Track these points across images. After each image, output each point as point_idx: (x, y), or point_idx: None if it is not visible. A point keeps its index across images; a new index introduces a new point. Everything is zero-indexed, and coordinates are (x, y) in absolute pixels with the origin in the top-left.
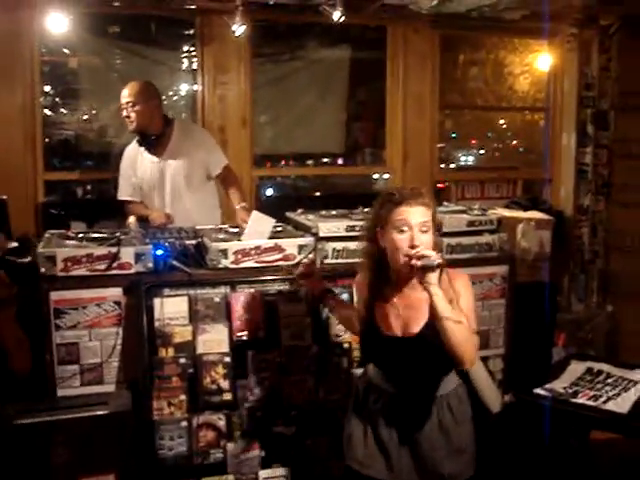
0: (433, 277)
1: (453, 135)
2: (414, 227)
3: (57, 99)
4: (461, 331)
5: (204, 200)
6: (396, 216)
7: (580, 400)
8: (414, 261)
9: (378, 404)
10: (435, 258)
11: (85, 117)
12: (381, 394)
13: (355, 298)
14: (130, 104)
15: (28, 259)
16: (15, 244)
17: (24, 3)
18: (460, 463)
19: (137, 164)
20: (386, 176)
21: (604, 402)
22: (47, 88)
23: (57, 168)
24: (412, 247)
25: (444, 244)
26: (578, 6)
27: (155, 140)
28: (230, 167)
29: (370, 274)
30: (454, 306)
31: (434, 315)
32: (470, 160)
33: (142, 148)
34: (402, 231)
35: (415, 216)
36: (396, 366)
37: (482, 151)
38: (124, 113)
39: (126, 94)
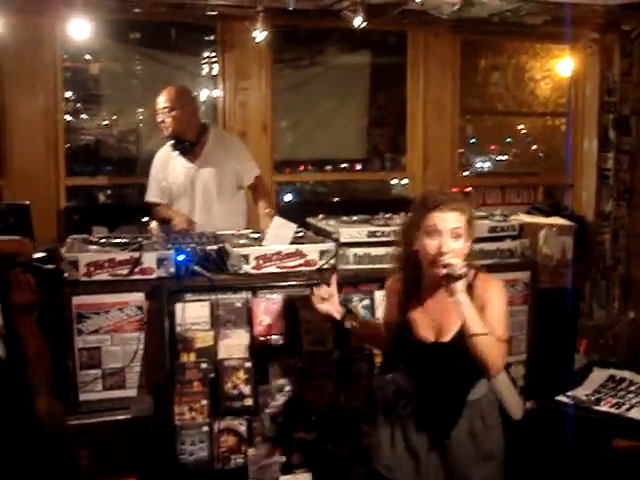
0: (458, 286)
1: (472, 140)
2: (444, 233)
3: (78, 105)
4: (488, 342)
5: (233, 209)
6: (427, 221)
7: (603, 408)
8: (438, 269)
9: (407, 409)
10: (458, 267)
11: (106, 123)
12: (410, 399)
13: (385, 303)
14: (166, 109)
15: (54, 266)
16: (43, 254)
17: (46, 10)
18: (489, 469)
19: (169, 168)
20: (405, 182)
21: (627, 410)
22: (68, 94)
23: (78, 173)
24: (440, 254)
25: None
26: (600, 11)
27: (189, 146)
28: (262, 178)
29: (404, 278)
30: (483, 314)
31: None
32: (491, 166)
33: (175, 152)
34: (432, 237)
35: (446, 222)
36: (427, 371)
37: (503, 157)
38: (159, 118)
39: (162, 99)
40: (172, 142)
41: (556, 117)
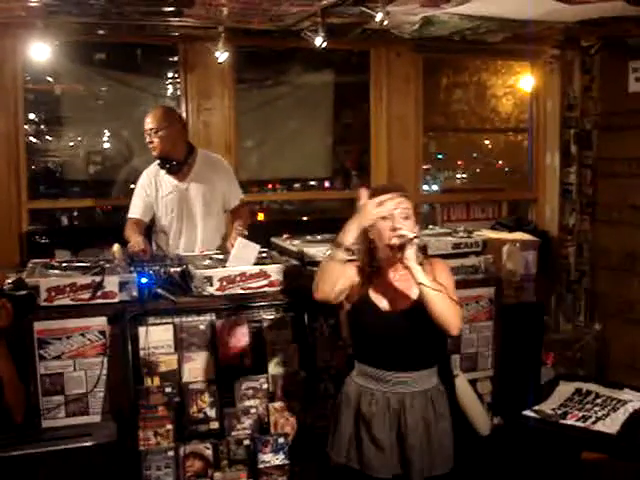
0: (410, 253)
1: (439, 156)
2: (395, 215)
3: (42, 127)
4: (442, 298)
5: (217, 230)
6: (381, 207)
7: (569, 421)
8: (394, 240)
9: (372, 407)
10: (410, 233)
11: (70, 144)
12: (373, 395)
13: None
14: (153, 130)
15: (25, 292)
16: (14, 280)
17: (8, 32)
18: (439, 457)
19: (156, 186)
20: None
21: (593, 423)
22: (32, 116)
23: (42, 195)
24: (394, 229)
25: None
26: (559, 28)
27: (177, 166)
28: (245, 203)
29: (362, 262)
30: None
31: (417, 286)
32: (455, 182)
33: (162, 171)
34: (385, 220)
35: (397, 205)
36: (388, 343)
37: (468, 172)
38: (147, 139)
39: (149, 120)
40: (159, 161)
41: (518, 133)
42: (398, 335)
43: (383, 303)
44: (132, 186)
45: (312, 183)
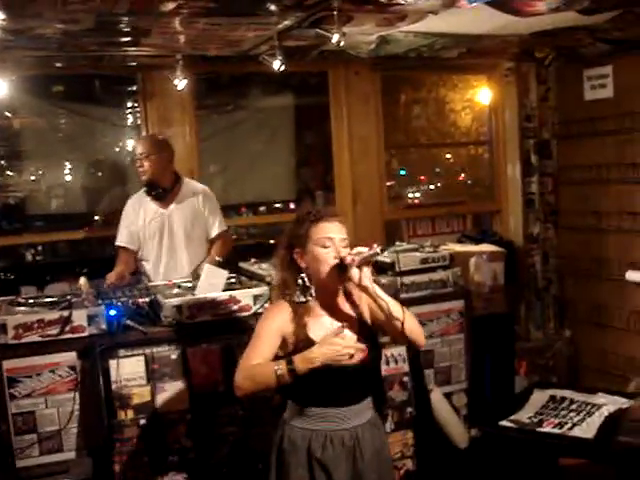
0: (367, 272)
1: (402, 172)
2: (336, 241)
3: (2, 162)
4: (408, 313)
5: (197, 258)
6: (318, 233)
7: (546, 429)
8: (351, 258)
9: (327, 450)
10: (372, 249)
11: (32, 178)
12: (326, 437)
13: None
14: (144, 155)
15: None
16: None
17: None
18: None
19: (140, 213)
20: None
21: (570, 429)
22: None
23: (4, 231)
24: (339, 254)
25: (398, 282)
26: (513, 41)
27: (163, 193)
28: (227, 234)
29: (292, 299)
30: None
31: (378, 305)
32: (419, 197)
33: (148, 198)
34: (326, 246)
35: (335, 231)
36: (341, 378)
37: (431, 187)
38: (137, 164)
39: (140, 146)
40: (146, 188)
41: (479, 145)
42: (350, 367)
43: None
44: (96, 217)
45: (277, 205)
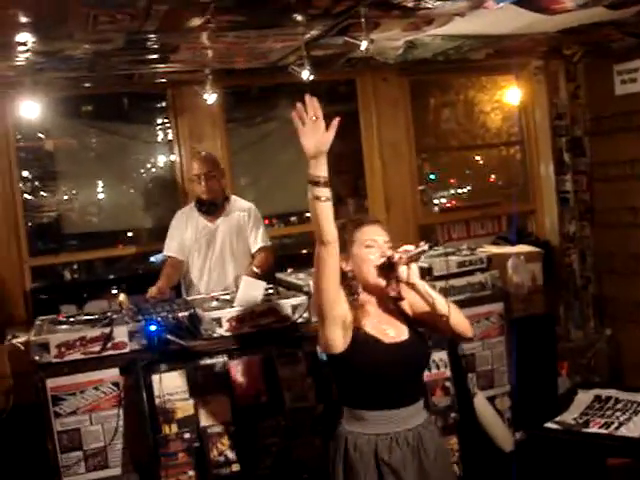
0: (415, 269)
1: (432, 176)
2: (381, 242)
3: (36, 183)
4: (453, 306)
5: (243, 271)
6: (362, 235)
7: (592, 429)
8: (399, 256)
9: (394, 452)
10: (419, 246)
11: (65, 198)
12: (392, 440)
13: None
14: (205, 173)
15: None
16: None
17: None
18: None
19: (190, 225)
20: None
21: (616, 428)
22: (25, 173)
23: (42, 251)
24: (385, 254)
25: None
26: (540, 39)
27: (213, 208)
28: (268, 250)
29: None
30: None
31: (426, 301)
32: (452, 200)
33: (197, 213)
34: (370, 247)
35: (378, 233)
36: (399, 377)
37: (464, 190)
38: (197, 182)
39: (200, 164)
40: (196, 203)
41: (510, 146)
42: (408, 366)
43: (384, 336)
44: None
45: (308, 215)
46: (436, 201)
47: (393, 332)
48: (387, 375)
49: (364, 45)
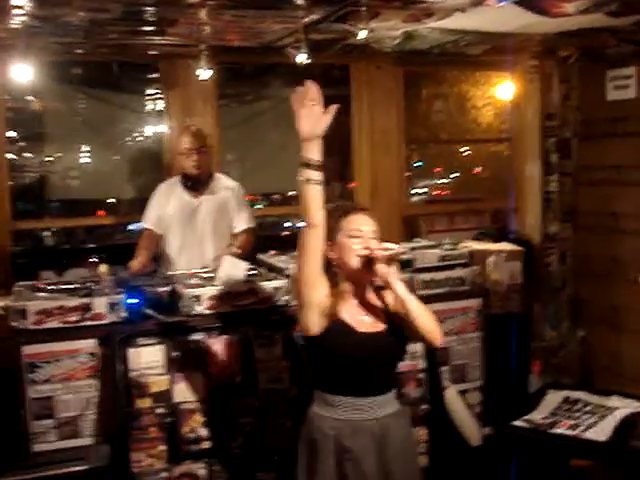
0: (393, 269)
1: (419, 164)
2: (366, 233)
3: (22, 143)
4: (427, 312)
5: (222, 250)
6: (349, 224)
7: (559, 430)
8: (379, 252)
9: (356, 439)
10: (399, 249)
11: (50, 159)
12: (356, 426)
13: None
14: (196, 148)
15: None
16: None
17: None
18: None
19: (171, 200)
20: None
21: (583, 431)
22: (12, 133)
23: (22, 215)
24: (367, 248)
25: (416, 279)
26: (537, 39)
27: (198, 184)
28: (251, 231)
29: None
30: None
31: (401, 302)
32: (437, 190)
33: (180, 187)
34: (355, 236)
35: (365, 223)
36: (370, 366)
37: (449, 182)
38: (187, 157)
39: (191, 139)
40: (181, 177)
41: (499, 143)
42: (379, 357)
43: (359, 325)
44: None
45: (291, 194)
46: (419, 190)
47: (369, 323)
48: (355, 363)
49: (363, 34)
